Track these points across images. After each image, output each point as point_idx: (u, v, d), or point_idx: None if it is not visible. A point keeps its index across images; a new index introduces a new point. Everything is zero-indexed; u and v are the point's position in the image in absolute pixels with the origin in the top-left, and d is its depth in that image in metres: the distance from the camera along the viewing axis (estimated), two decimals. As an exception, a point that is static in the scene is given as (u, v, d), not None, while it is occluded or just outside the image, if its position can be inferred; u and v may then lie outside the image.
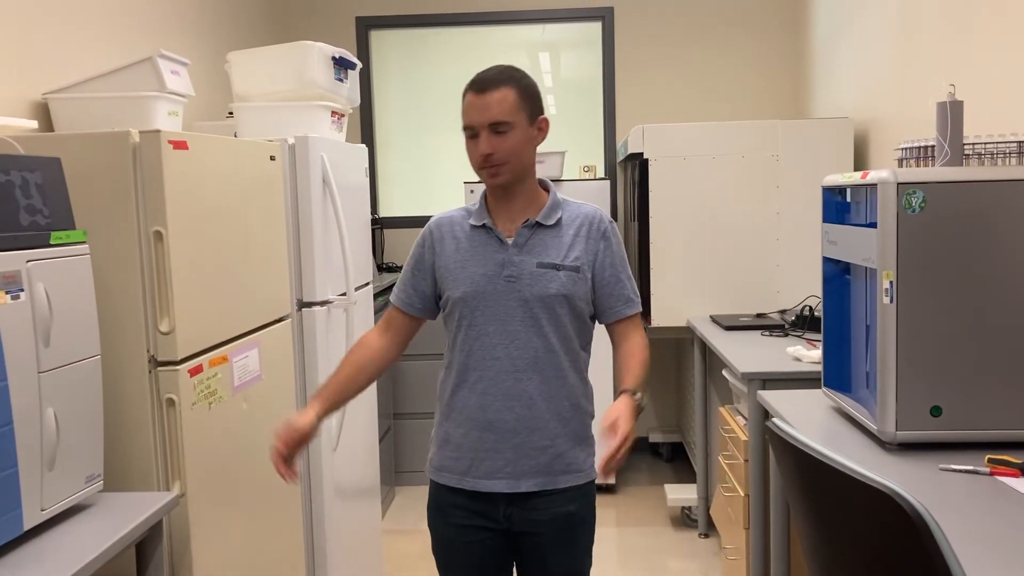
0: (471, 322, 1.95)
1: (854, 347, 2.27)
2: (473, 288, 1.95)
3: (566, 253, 1.96)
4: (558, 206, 2.00)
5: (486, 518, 1.98)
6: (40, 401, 1.60)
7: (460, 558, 2.02)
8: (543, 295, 1.93)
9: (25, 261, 1.58)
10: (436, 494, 2.04)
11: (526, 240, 1.96)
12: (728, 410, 3.26)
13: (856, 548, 1.35)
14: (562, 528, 1.97)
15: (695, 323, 3.85)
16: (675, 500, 4.09)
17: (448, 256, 2.00)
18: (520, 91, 1.91)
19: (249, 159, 2.44)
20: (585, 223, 1.99)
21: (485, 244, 1.97)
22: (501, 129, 1.88)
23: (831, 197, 2.33)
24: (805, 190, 3.99)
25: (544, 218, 1.97)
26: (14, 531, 1.53)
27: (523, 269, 1.94)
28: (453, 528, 2.01)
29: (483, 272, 1.95)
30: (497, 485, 1.96)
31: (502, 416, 1.94)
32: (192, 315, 2.07)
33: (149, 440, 1.98)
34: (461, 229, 2.01)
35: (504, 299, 1.94)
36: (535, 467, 1.95)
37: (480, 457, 1.96)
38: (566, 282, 1.94)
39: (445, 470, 2.01)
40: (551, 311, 1.94)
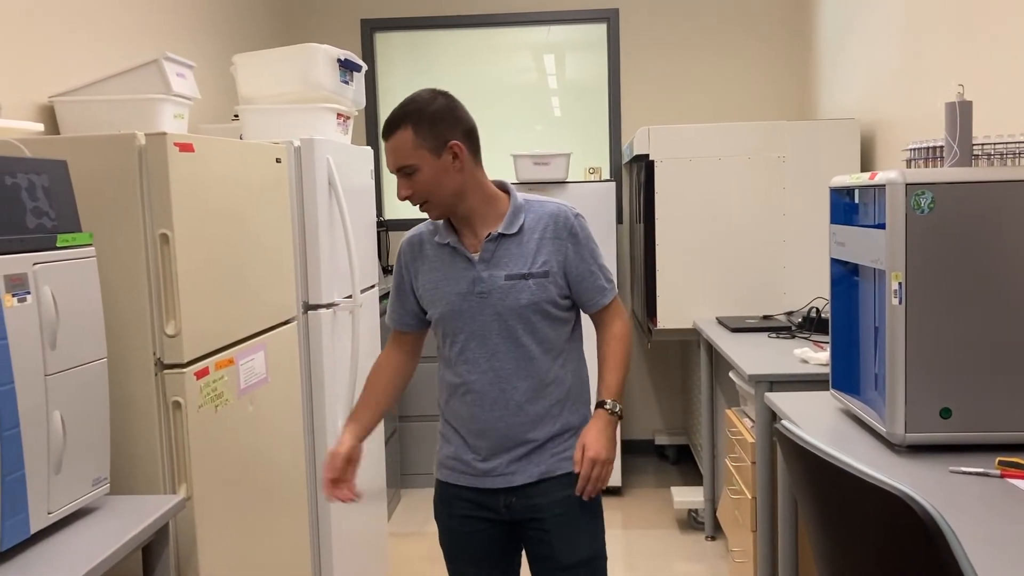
0: (453, 339, 2.00)
1: (862, 349, 2.26)
2: (449, 308, 1.98)
3: (533, 259, 1.97)
4: (520, 210, 2.00)
5: (488, 509, 2.03)
6: (47, 404, 1.59)
7: (464, 549, 2.07)
8: (515, 307, 1.95)
9: (32, 264, 1.57)
10: (442, 488, 2.09)
11: (492, 253, 1.97)
12: (735, 412, 3.25)
13: (866, 551, 1.34)
14: (563, 511, 2.00)
15: (701, 325, 3.84)
16: (681, 503, 4.07)
17: (423, 276, 2.03)
18: (415, 128, 1.88)
19: (255, 161, 2.44)
20: (550, 224, 1.99)
21: (453, 262, 1.99)
22: (407, 171, 1.90)
23: (839, 198, 2.32)
24: (811, 191, 3.98)
25: (506, 227, 1.97)
26: (21, 534, 1.53)
27: (493, 284, 1.96)
28: (457, 519, 2.05)
29: (456, 291, 1.98)
30: (495, 482, 2.01)
31: (493, 425, 1.99)
32: (198, 318, 2.06)
33: (155, 443, 1.98)
34: (430, 247, 2.04)
35: (479, 315, 1.97)
36: (532, 462, 2.00)
37: (476, 459, 2.02)
38: (536, 290, 1.96)
39: (446, 468, 2.07)
40: (526, 321, 1.97)
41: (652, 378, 5.15)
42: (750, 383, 2.87)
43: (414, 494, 4.73)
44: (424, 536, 4.14)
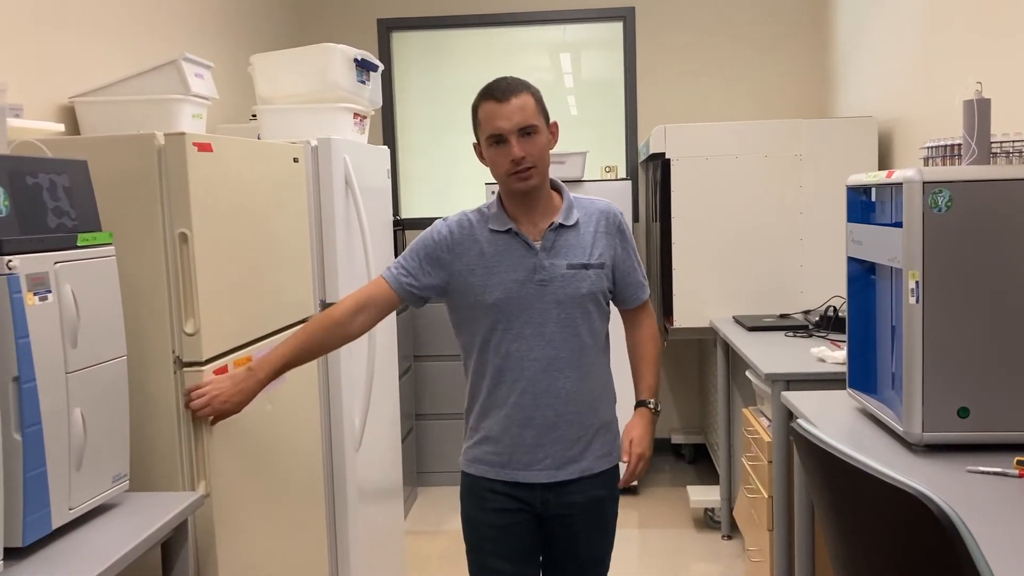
0: (507, 326, 2.00)
1: (879, 348, 2.25)
2: (506, 294, 1.99)
3: (590, 251, 2.03)
4: (572, 205, 2.06)
5: (523, 502, 2.05)
6: (68, 401, 1.61)
7: (494, 543, 2.07)
8: (576, 295, 2.00)
9: (53, 263, 1.59)
10: (472, 482, 2.09)
11: (552, 243, 2.01)
12: (751, 411, 3.24)
13: (883, 551, 1.33)
14: (593, 510, 2.06)
15: (718, 324, 3.84)
16: (698, 502, 4.07)
17: (471, 261, 2.02)
18: (535, 97, 1.99)
19: (272, 161, 2.45)
20: (602, 219, 2.07)
21: (511, 249, 2.01)
22: (529, 131, 1.94)
23: (856, 197, 2.31)
24: (829, 190, 3.96)
25: (565, 219, 2.03)
26: (43, 530, 1.55)
27: (554, 272, 2.00)
28: (490, 512, 2.05)
29: (514, 277, 1.99)
30: (537, 476, 2.03)
31: (542, 413, 2.01)
32: (217, 316, 2.08)
33: (174, 440, 2.00)
34: (481, 232, 2.04)
35: (538, 302, 1.99)
36: (573, 457, 2.03)
37: (520, 451, 2.03)
38: (595, 280, 2.02)
39: (482, 463, 2.07)
40: (584, 310, 2.02)
41: (669, 377, 5.14)
42: (767, 382, 2.86)
43: (430, 492, 4.74)
44: (441, 534, 4.15)
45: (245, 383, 1.99)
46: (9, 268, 1.49)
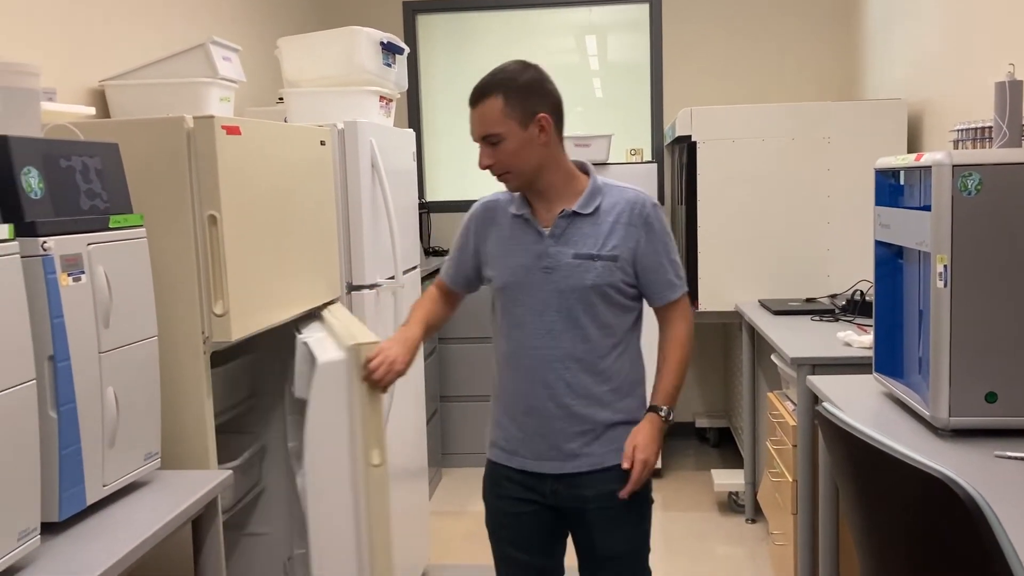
0: (511, 311, 2.00)
1: (906, 332, 2.24)
2: (512, 278, 1.99)
3: (603, 242, 1.95)
4: (598, 192, 1.99)
5: (535, 492, 2.04)
6: (101, 380, 1.64)
7: (509, 530, 2.08)
8: (578, 287, 1.94)
9: (86, 244, 1.62)
10: (490, 468, 2.11)
11: (563, 231, 1.96)
12: (776, 395, 3.24)
13: (907, 534, 1.34)
14: (607, 506, 2.00)
15: (743, 308, 3.82)
16: (722, 485, 4.07)
17: (491, 243, 2.04)
18: (507, 97, 1.89)
19: (300, 144, 2.47)
20: (626, 209, 1.97)
21: (523, 234, 2.00)
22: (492, 140, 1.91)
23: (884, 180, 2.30)
24: (857, 173, 3.93)
25: (582, 207, 1.97)
26: (78, 505, 1.58)
27: (560, 260, 1.95)
28: (504, 500, 2.07)
29: (521, 263, 1.98)
30: (544, 466, 2.01)
31: (543, 403, 1.98)
32: (245, 297, 2.10)
33: (205, 419, 2.03)
34: (503, 215, 2.04)
35: (541, 290, 1.96)
36: (579, 450, 1.99)
37: (527, 440, 2.01)
38: (602, 272, 1.94)
39: (496, 447, 2.08)
40: (587, 302, 1.95)
41: (693, 361, 5.14)
42: (792, 366, 2.85)
43: (454, 473, 4.78)
44: (465, 515, 4.19)
45: (408, 342, 2.04)
46: (44, 249, 1.52)
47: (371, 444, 2.06)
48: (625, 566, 2.05)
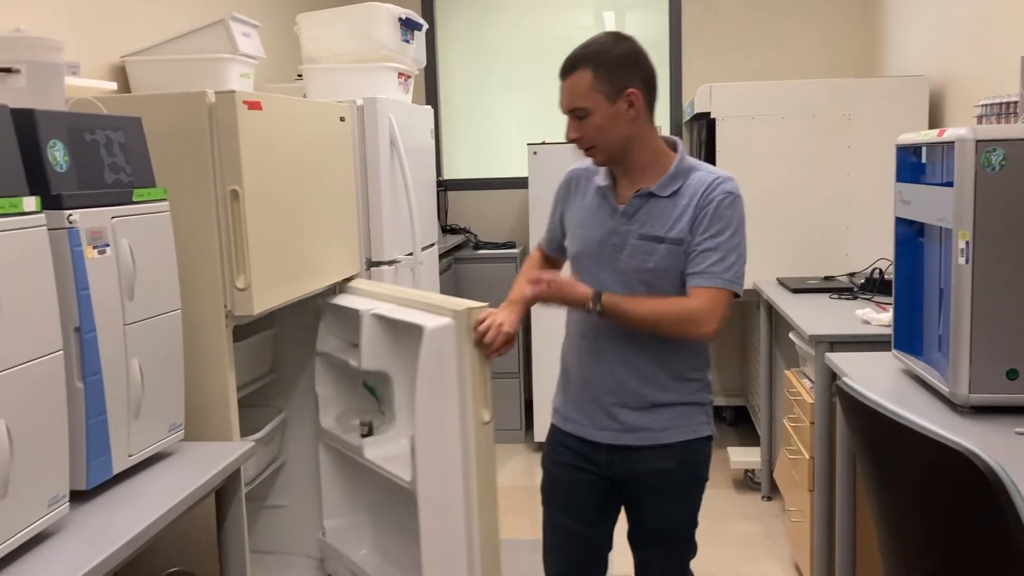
0: (576, 278, 2.01)
1: (926, 310, 2.23)
2: (583, 250, 2.00)
3: (672, 225, 1.90)
4: (681, 174, 1.93)
5: (590, 461, 2.06)
6: (126, 352, 1.66)
7: (561, 496, 2.11)
8: (640, 268, 1.92)
9: (110, 217, 1.63)
10: (551, 433, 2.15)
11: (636, 210, 1.94)
12: (794, 373, 3.24)
13: (926, 508, 1.34)
14: (659, 483, 2.01)
15: (761, 286, 3.81)
16: (738, 463, 4.08)
17: (574, 212, 2.05)
18: (596, 71, 1.84)
19: (319, 120, 2.47)
20: (699, 191, 1.90)
21: (600, 207, 1.99)
22: (579, 114, 1.88)
23: (905, 156, 2.28)
24: (877, 151, 3.90)
25: (660, 188, 1.92)
26: (105, 474, 1.61)
27: (627, 240, 1.93)
28: (559, 466, 2.10)
29: (594, 236, 1.98)
30: (600, 435, 2.03)
31: (599, 376, 2.00)
32: (267, 272, 2.12)
33: (227, 392, 2.05)
34: (589, 185, 2.04)
35: (607, 266, 1.96)
36: (634, 424, 1.99)
37: (584, 409, 2.04)
38: (666, 256, 1.90)
39: (558, 413, 2.12)
40: (649, 285, 1.93)
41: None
42: (810, 343, 2.85)
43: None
44: (482, 490, 4.21)
45: (514, 307, 2.06)
46: (70, 222, 1.53)
47: (480, 403, 2.14)
48: (674, 541, 2.07)
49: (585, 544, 2.11)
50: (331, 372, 2.61)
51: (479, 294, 4.76)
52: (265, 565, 2.75)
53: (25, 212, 1.38)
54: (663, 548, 2.07)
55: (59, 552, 1.38)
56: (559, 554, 2.14)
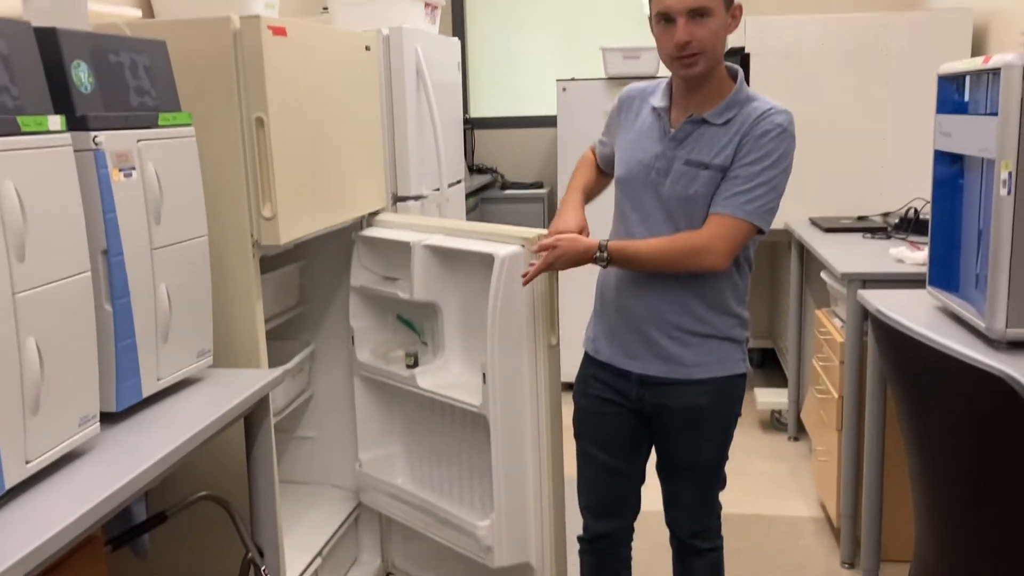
0: (621, 205, 2.00)
1: (964, 246, 2.18)
2: (628, 172, 1.96)
3: (718, 152, 1.86)
4: (736, 104, 1.88)
5: (621, 394, 2.06)
6: (153, 277, 1.66)
7: (592, 429, 2.11)
8: (682, 195, 1.88)
9: (136, 141, 1.62)
10: (584, 364, 2.14)
11: (686, 135, 1.89)
12: (824, 313, 3.20)
13: (966, 436, 1.32)
14: (689, 419, 2.00)
15: (793, 226, 3.76)
16: (765, 403, 4.07)
17: (625, 131, 2.02)
18: None
19: (345, 48, 2.44)
20: (748, 119, 1.85)
21: (652, 129, 1.95)
22: (701, 13, 1.79)
23: (948, 87, 2.21)
24: (916, 87, 3.79)
25: (713, 115, 1.87)
26: (134, 397, 1.62)
27: (672, 165, 1.90)
28: (590, 399, 2.10)
29: (640, 159, 1.94)
30: (632, 364, 2.02)
31: (633, 303, 1.98)
32: (293, 202, 2.11)
33: (255, 322, 2.06)
34: (644, 106, 2.00)
35: (651, 191, 1.93)
36: (667, 355, 1.98)
37: (618, 336, 2.03)
38: (708, 182, 1.86)
39: (593, 342, 2.11)
40: (689, 213, 1.89)
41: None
42: (842, 282, 2.81)
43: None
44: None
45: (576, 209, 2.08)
46: (95, 144, 1.52)
47: (548, 327, 2.19)
48: (704, 473, 2.06)
49: (617, 476, 2.12)
50: (366, 306, 2.61)
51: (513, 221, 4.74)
52: (294, 494, 2.79)
53: (51, 131, 1.37)
54: (692, 480, 2.07)
55: (90, 470, 1.40)
56: (591, 486, 2.15)
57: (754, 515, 3.30)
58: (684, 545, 2.13)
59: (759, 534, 3.16)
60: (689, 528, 2.11)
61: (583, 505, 2.18)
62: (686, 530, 2.11)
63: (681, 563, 2.17)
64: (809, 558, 2.99)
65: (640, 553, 2.31)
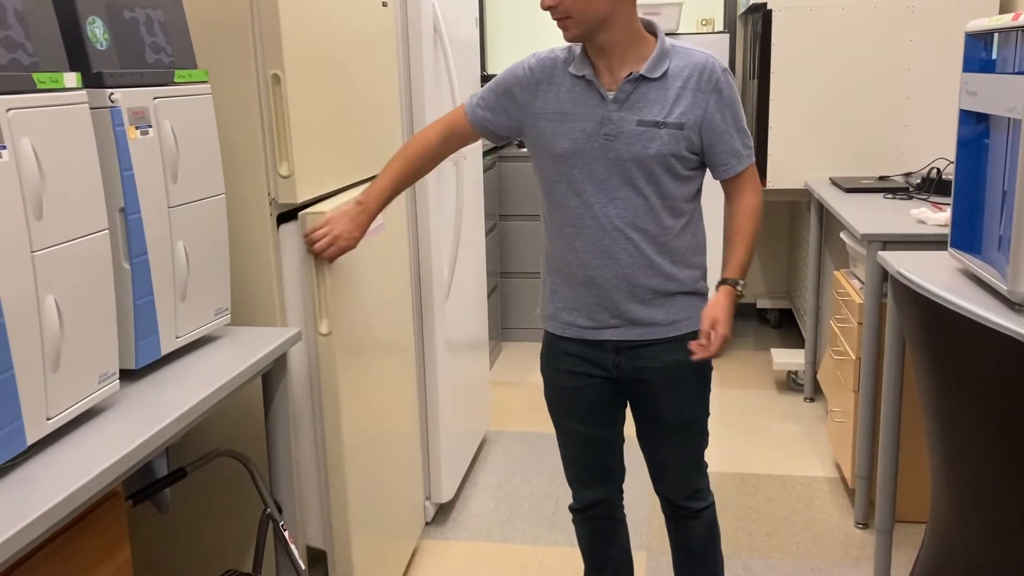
0: (569, 179, 1.92)
1: (987, 208, 2.15)
2: (572, 145, 1.89)
3: (670, 109, 1.85)
4: (666, 55, 1.87)
5: (596, 365, 2.02)
6: (171, 234, 1.66)
7: (569, 404, 2.08)
8: (641, 156, 1.86)
9: (152, 98, 1.61)
10: (548, 342, 2.09)
11: (627, 95, 1.86)
12: (843, 274, 3.18)
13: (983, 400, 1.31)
14: (672, 376, 1.99)
15: (813, 185, 3.72)
16: (781, 364, 4.06)
17: (547, 106, 1.93)
18: None
19: (362, 4, 2.41)
20: (695, 74, 1.86)
21: (585, 97, 1.88)
22: None
23: (975, 44, 2.16)
24: (941, 45, 3.72)
25: (649, 71, 1.85)
26: (153, 354, 1.63)
27: (622, 127, 1.85)
28: (563, 375, 2.06)
29: (582, 128, 1.88)
30: (606, 334, 1.99)
31: (601, 273, 1.94)
32: (310, 160, 2.10)
33: (272, 279, 2.06)
34: (561, 75, 1.92)
35: (601, 158, 1.88)
36: (641, 319, 1.96)
37: (587, 309, 1.99)
38: (667, 141, 1.85)
39: (555, 319, 2.05)
40: (649, 172, 1.87)
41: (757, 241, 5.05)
42: (862, 243, 2.78)
43: (514, 347, 4.85)
44: (523, 386, 4.26)
45: (359, 218, 2.03)
46: (112, 101, 1.52)
47: (320, 313, 2.10)
48: (691, 431, 2.07)
49: (600, 444, 2.11)
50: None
51: (522, 193, 4.72)
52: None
53: (67, 88, 1.37)
54: (681, 441, 2.07)
55: (111, 426, 1.41)
56: (576, 458, 2.15)
57: (768, 475, 3.31)
58: (678, 509, 2.13)
59: (773, 494, 3.17)
60: (682, 491, 2.11)
61: (570, 477, 2.18)
62: (679, 494, 2.11)
63: (677, 527, 2.17)
64: (823, 518, 3.00)
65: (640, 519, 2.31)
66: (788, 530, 2.94)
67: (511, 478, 3.39)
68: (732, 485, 3.25)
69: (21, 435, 1.27)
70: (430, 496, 3.05)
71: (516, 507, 3.17)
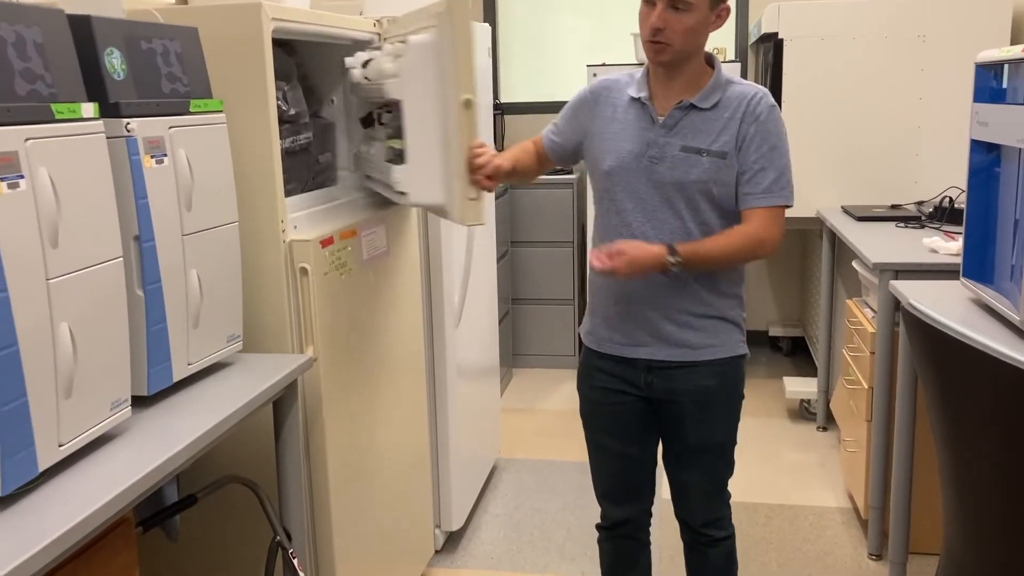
0: (612, 196, 1.98)
1: (999, 238, 2.15)
2: (618, 163, 1.95)
3: (715, 138, 1.90)
4: (719, 87, 1.93)
5: (628, 383, 2.06)
6: (184, 262, 1.68)
7: (602, 420, 2.12)
8: (682, 180, 1.90)
9: (167, 127, 1.63)
10: (586, 358, 2.14)
11: (676, 122, 1.92)
12: (856, 303, 3.17)
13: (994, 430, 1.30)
14: (700, 401, 2.02)
15: (825, 214, 3.72)
16: (794, 392, 4.04)
17: (602, 124, 2.00)
18: None
19: (375, 34, 2.43)
20: (742, 104, 1.90)
21: (638, 119, 1.95)
22: (680, 7, 1.81)
23: (985, 75, 2.17)
24: (952, 74, 3.73)
25: (701, 100, 1.91)
26: (165, 381, 1.64)
27: (667, 152, 1.91)
28: (597, 391, 2.11)
29: (630, 149, 1.94)
30: (639, 352, 2.03)
31: (637, 290, 1.98)
32: (322, 187, 2.11)
33: (284, 306, 2.07)
34: (620, 98, 2.00)
35: (645, 179, 1.93)
36: (675, 340, 2.00)
37: (622, 326, 2.03)
38: (708, 168, 1.89)
39: (593, 334, 2.11)
40: (689, 197, 1.91)
41: (769, 269, 5.05)
42: (874, 272, 2.78)
43: (525, 374, 4.84)
44: (534, 413, 4.25)
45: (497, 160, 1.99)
46: (128, 130, 1.54)
47: (306, 340, 2.08)
48: (715, 457, 2.08)
49: (632, 462, 2.14)
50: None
51: (534, 221, 4.73)
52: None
53: (84, 118, 1.39)
54: (705, 466, 2.08)
55: (123, 452, 1.42)
56: (607, 474, 2.17)
57: (780, 504, 3.28)
58: (698, 536, 2.14)
59: (786, 524, 3.15)
60: (703, 517, 2.11)
61: (600, 493, 2.20)
62: (699, 519, 2.12)
63: (695, 555, 2.17)
64: (836, 549, 2.98)
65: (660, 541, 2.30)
66: (800, 561, 2.91)
67: (521, 506, 3.37)
68: (743, 514, 3.22)
69: (33, 461, 1.28)
70: (440, 524, 3.03)
71: (526, 535, 3.16)
